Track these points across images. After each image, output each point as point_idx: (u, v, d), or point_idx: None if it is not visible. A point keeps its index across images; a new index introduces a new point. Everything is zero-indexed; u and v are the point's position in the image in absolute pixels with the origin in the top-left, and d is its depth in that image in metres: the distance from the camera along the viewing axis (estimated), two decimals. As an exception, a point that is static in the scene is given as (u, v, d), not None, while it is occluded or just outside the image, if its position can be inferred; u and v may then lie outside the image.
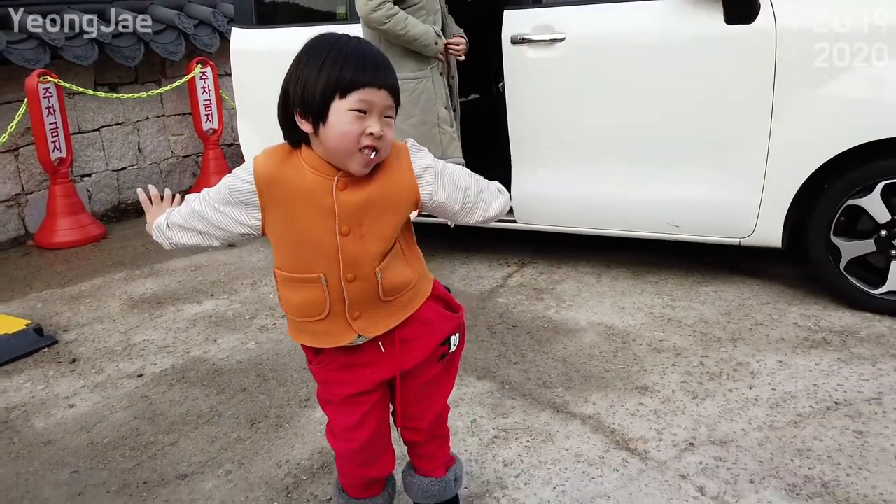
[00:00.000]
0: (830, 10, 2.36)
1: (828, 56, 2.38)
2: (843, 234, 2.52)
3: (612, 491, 1.72)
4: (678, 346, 2.43)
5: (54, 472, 2.04)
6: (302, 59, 1.25)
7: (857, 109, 2.37)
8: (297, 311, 1.36)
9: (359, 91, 1.21)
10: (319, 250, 1.30)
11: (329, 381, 1.43)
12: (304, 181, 1.28)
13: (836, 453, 1.79)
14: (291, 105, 1.25)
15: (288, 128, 1.29)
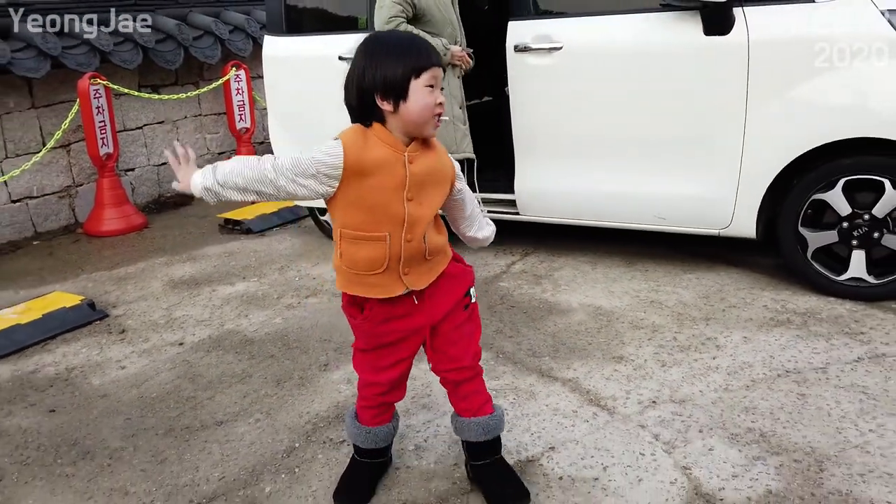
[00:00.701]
0: (796, 24, 2.62)
1: (794, 64, 2.64)
2: (810, 226, 2.78)
3: (580, 437, 2.02)
4: (656, 323, 2.71)
5: (110, 418, 2.40)
6: (371, 53, 1.52)
7: (821, 113, 2.62)
8: (358, 266, 1.60)
9: (428, 70, 1.51)
10: (388, 214, 1.55)
11: (372, 333, 1.70)
12: (380, 155, 1.53)
13: (778, 410, 2.07)
14: (369, 91, 1.51)
15: (364, 111, 1.55)
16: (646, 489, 1.78)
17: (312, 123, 3.83)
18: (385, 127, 1.55)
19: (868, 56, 2.54)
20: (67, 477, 2.09)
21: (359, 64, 1.54)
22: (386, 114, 1.54)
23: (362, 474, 1.87)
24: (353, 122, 1.59)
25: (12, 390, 2.65)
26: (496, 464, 1.81)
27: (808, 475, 1.78)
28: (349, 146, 1.53)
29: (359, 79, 1.53)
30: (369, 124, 1.56)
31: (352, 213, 1.57)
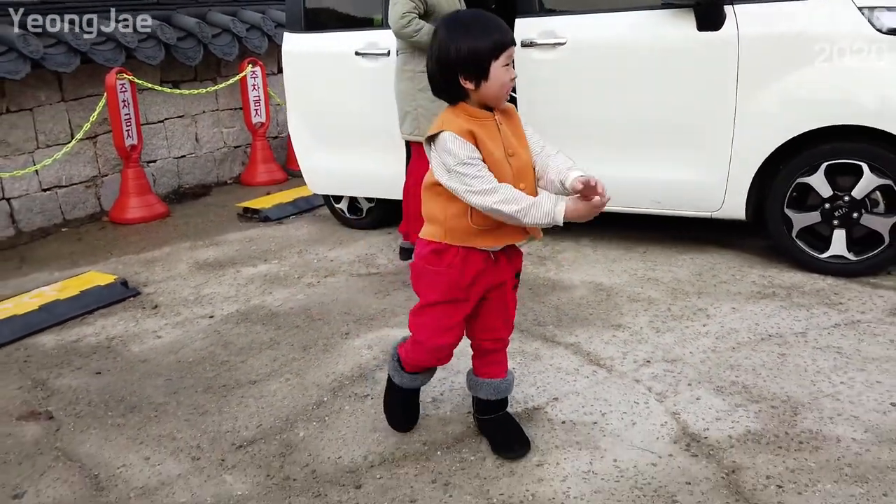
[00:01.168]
0: (782, 20, 2.85)
1: (780, 58, 2.87)
2: (795, 208, 3.00)
3: (581, 390, 2.25)
4: (652, 297, 2.94)
5: (152, 379, 2.63)
6: (453, 35, 1.66)
7: (804, 103, 2.85)
8: (486, 221, 1.74)
9: (507, 50, 1.67)
10: (503, 169, 1.71)
11: (452, 283, 1.81)
12: (478, 124, 1.70)
13: (760, 367, 2.29)
14: (453, 70, 1.66)
15: (450, 90, 1.72)
16: (639, 430, 2.00)
17: (330, 115, 4.07)
18: (468, 104, 1.73)
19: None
20: (118, 427, 2.32)
21: (442, 43, 1.68)
22: (468, 91, 1.71)
23: (411, 399, 2.11)
24: (436, 95, 1.78)
25: (58, 356, 2.89)
26: (501, 418, 2.02)
27: (783, 418, 2.00)
28: (456, 128, 1.68)
29: (443, 58, 1.68)
30: (455, 103, 1.74)
31: None
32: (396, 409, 2.12)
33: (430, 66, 1.74)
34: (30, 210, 4.68)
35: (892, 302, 2.70)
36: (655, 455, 1.89)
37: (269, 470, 2.01)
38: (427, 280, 1.86)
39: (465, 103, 1.74)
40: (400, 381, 2.06)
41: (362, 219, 4.26)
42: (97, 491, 1.99)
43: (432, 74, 1.74)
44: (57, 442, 2.25)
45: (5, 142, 4.49)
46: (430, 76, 1.76)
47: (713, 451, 1.89)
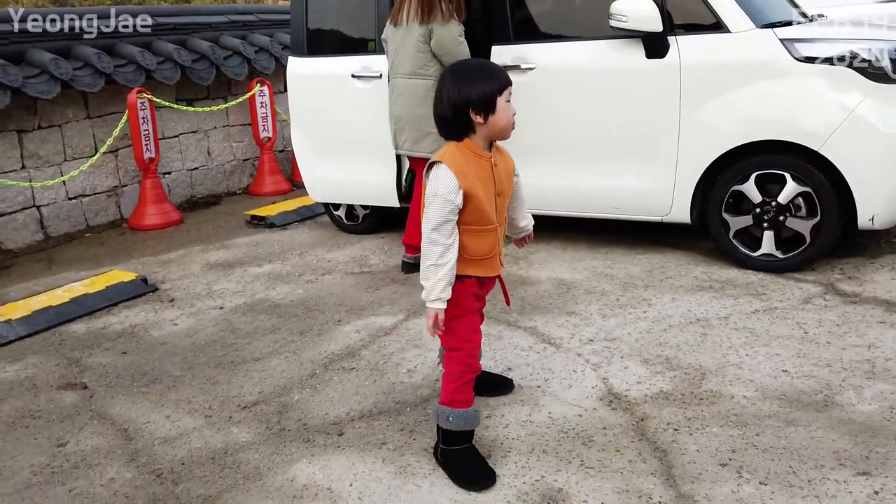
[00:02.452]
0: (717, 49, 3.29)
1: (716, 82, 3.30)
2: (732, 212, 3.42)
3: (531, 362, 2.67)
4: (605, 290, 3.36)
5: (170, 357, 3.07)
6: (462, 78, 1.89)
7: (736, 121, 3.28)
8: (479, 252, 1.98)
9: (508, 88, 1.93)
10: (492, 208, 1.95)
11: (473, 298, 2.06)
12: (475, 164, 1.92)
13: (683, 344, 2.71)
14: (464, 107, 1.87)
15: (459, 124, 1.91)
16: (573, 391, 2.42)
17: (329, 130, 4.52)
18: (473, 140, 1.94)
19: (771, 75, 3.20)
20: (143, 394, 2.75)
21: (451, 87, 1.90)
22: (477, 125, 1.91)
23: (477, 456, 2.07)
24: (444, 136, 1.98)
25: (89, 340, 3.33)
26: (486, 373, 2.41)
27: (692, 381, 2.42)
28: (455, 167, 1.90)
29: (454, 98, 1.89)
30: (461, 139, 1.95)
31: (472, 213, 1.93)
32: (470, 461, 2.05)
33: (442, 110, 1.92)
34: (57, 217, 5.15)
35: (808, 293, 3.11)
36: (582, 409, 2.31)
37: (269, 424, 2.44)
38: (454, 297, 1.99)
39: (471, 140, 1.94)
40: (470, 423, 2.04)
41: (358, 225, 4.70)
42: (127, 440, 2.43)
43: (443, 117, 1.93)
44: (92, 406, 2.69)
45: (36, 154, 4.97)
46: (440, 119, 1.95)
47: (629, 405, 2.31)
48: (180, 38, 5.89)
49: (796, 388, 2.34)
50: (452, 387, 2.04)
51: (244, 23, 6.50)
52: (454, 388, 2.04)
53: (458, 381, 2.04)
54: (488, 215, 1.96)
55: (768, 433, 2.10)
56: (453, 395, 2.04)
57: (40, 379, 2.95)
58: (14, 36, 4.82)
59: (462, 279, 2.00)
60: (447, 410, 2.03)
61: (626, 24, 3.30)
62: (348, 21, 4.48)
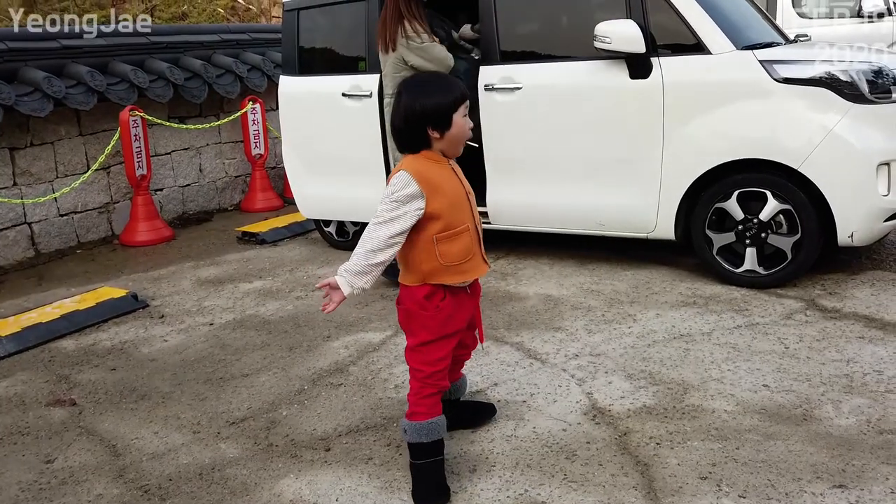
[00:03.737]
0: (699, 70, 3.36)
1: (697, 101, 3.37)
2: (715, 229, 3.48)
3: (517, 377, 2.71)
4: (591, 305, 3.40)
5: (160, 373, 3.09)
6: (418, 92, 1.91)
7: (717, 139, 3.34)
8: (456, 258, 1.95)
9: (465, 103, 1.95)
10: (463, 208, 1.97)
11: (447, 318, 2.00)
12: (436, 168, 1.95)
13: (667, 360, 2.75)
14: (421, 122, 1.90)
15: (416, 140, 1.94)
16: (558, 406, 2.46)
17: (320, 148, 4.58)
18: (430, 151, 1.97)
19: (751, 96, 3.27)
20: (132, 410, 2.77)
21: (407, 101, 1.92)
22: (433, 140, 1.95)
23: (438, 472, 2.04)
24: (401, 150, 2.00)
25: (78, 356, 3.35)
26: (467, 402, 2.43)
27: (674, 396, 2.46)
28: (415, 172, 1.91)
29: (410, 113, 1.91)
30: (418, 152, 1.97)
31: (440, 219, 1.93)
32: (428, 477, 2.03)
33: (397, 123, 1.96)
34: (48, 233, 5.17)
35: (789, 308, 3.16)
36: (567, 423, 2.34)
37: (256, 439, 2.46)
38: (419, 322, 2.01)
39: (428, 151, 1.97)
40: (427, 435, 2.01)
41: (349, 241, 4.74)
42: (115, 456, 2.44)
43: (399, 130, 1.96)
44: (80, 422, 2.70)
45: (28, 172, 5.00)
46: (396, 132, 1.97)
47: (613, 420, 2.34)
48: (173, 56, 5.95)
49: (776, 402, 2.38)
50: (412, 399, 2.05)
51: (237, 41, 6.57)
52: (413, 401, 2.05)
53: (417, 394, 2.04)
54: (457, 216, 1.96)
55: (748, 447, 2.13)
56: (412, 408, 2.04)
57: (29, 395, 2.96)
58: (7, 54, 4.86)
59: (436, 296, 1.99)
60: (404, 422, 2.05)
61: (610, 45, 3.37)
62: (339, 41, 4.55)
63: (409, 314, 2.04)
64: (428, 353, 2.02)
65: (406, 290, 2.05)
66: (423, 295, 2.00)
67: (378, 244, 1.93)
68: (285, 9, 4.68)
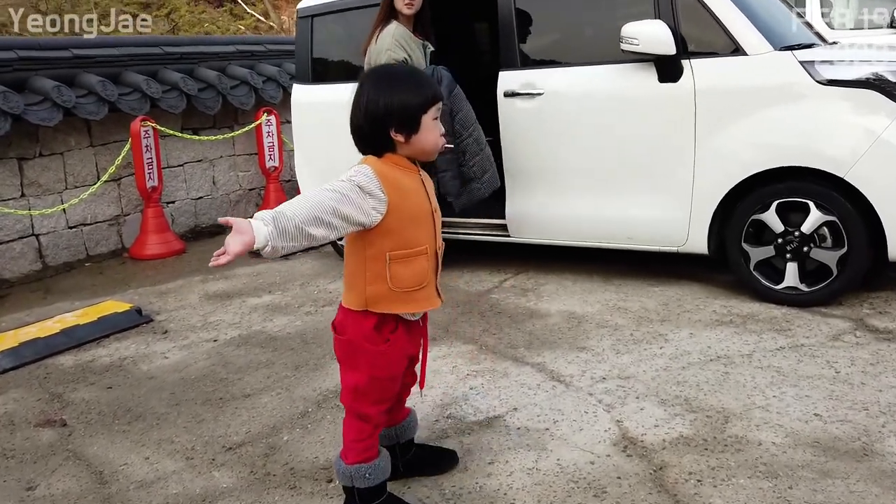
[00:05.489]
0: (734, 73, 3.14)
1: (732, 106, 3.15)
2: (752, 242, 3.23)
3: (539, 402, 2.48)
4: (618, 324, 3.16)
5: (157, 393, 2.90)
6: (384, 89, 1.62)
7: (754, 146, 3.11)
8: (407, 283, 1.70)
9: (436, 104, 1.68)
10: (424, 226, 1.70)
11: (393, 359, 1.78)
12: (402, 176, 1.68)
13: (704, 383, 2.50)
14: (383, 123, 1.63)
15: (378, 142, 1.66)
16: (584, 435, 2.22)
17: (333, 158, 4.39)
18: (396, 156, 1.70)
19: (791, 99, 3.04)
20: (124, 432, 2.58)
21: (371, 95, 1.64)
22: (397, 144, 1.68)
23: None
24: (361, 149, 1.71)
25: (75, 374, 3.17)
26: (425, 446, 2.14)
27: (714, 425, 2.21)
28: (376, 166, 1.66)
29: (372, 110, 1.64)
30: (381, 155, 1.70)
31: (395, 235, 1.67)
32: None
33: (357, 120, 1.68)
34: (56, 246, 5.04)
35: (836, 328, 2.90)
36: (595, 455, 2.10)
37: (253, 468, 2.25)
38: (367, 358, 1.76)
39: (393, 155, 1.71)
40: (371, 480, 1.83)
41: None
42: (101, 484, 2.25)
43: (359, 127, 1.69)
44: (68, 445, 2.52)
45: (37, 182, 4.89)
46: (356, 129, 1.69)
47: (646, 452, 2.10)
48: (188, 67, 5.84)
49: (831, 434, 2.12)
50: (350, 443, 1.85)
51: (252, 52, 6.46)
52: (352, 446, 1.85)
53: (357, 437, 1.84)
54: (416, 235, 1.71)
55: (802, 486, 1.88)
56: (351, 453, 1.84)
57: (19, 415, 2.78)
58: (18, 63, 4.77)
59: (386, 326, 1.75)
60: (341, 465, 1.86)
61: (638, 47, 3.17)
62: (353, 48, 4.38)
63: (354, 347, 1.77)
64: (373, 392, 1.78)
65: (349, 315, 1.76)
66: (373, 325, 1.73)
67: (323, 212, 1.55)
68: (298, 16, 4.55)
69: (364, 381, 1.77)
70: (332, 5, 4.37)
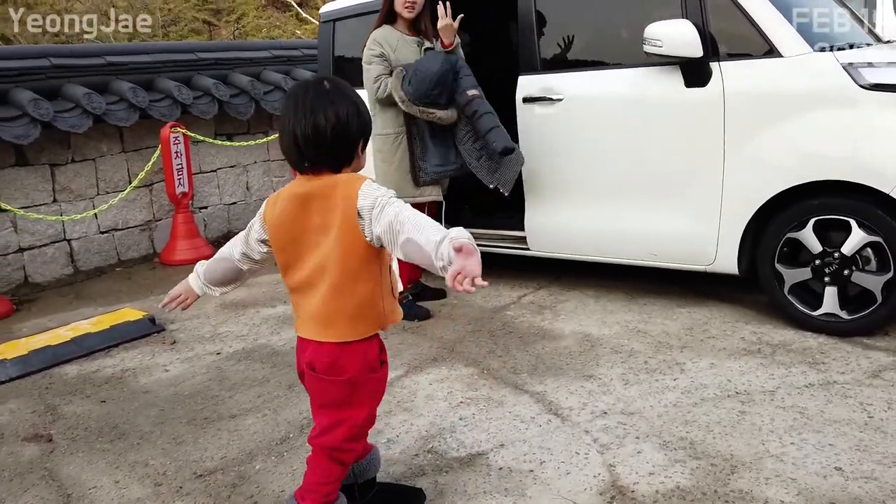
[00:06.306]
0: (767, 77, 2.85)
1: (765, 113, 2.85)
2: (787, 263, 2.93)
3: (529, 438, 2.27)
4: (634, 349, 2.92)
5: (147, 409, 2.83)
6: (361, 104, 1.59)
7: (789, 158, 2.81)
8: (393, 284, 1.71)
9: None
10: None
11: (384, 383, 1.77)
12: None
13: (715, 424, 2.25)
14: (356, 139, 1.59)
15: (347, 155, 1.61)
16: (570, 480, 2.01)
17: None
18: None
19: (831, 105, 2.73)
20: (103, 451, 2.51)
21: (352, 110, 1.58)
22: (354, 160, 1.63)
23: None
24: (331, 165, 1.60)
25: (75, 385, 3.14)
26: (390, 486, 2.02)
27: (718, 476, 1.96)
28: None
29: (346, 127, 1.57)
30: (339, 171, 1.61)
31: None
32: None
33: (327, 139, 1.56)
34: (88, 251, 5.10)
35: (877, 364, 2.58)
36: (576, 505, 1.89)
37: (217, 499, 2.13)
38: (368, 389, 1.68)
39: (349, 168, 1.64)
40: None
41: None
42: (67, 508, 2.17)
43: (332, 144, 1.58)
44: (47, 462, 2.46)
45: (69, 188, 4.96)
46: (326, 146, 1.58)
47: (634, 504, 1.88)
48: (222, 72, 5.85)
49: (851, 493, 1.85)
50: (317, 485, 1.72)
51: (288, 58, 6.42)
52: (318, 487, 1.72)
53: (327, 477, 1.72)
54: None
55: (807, 558, 1.63)
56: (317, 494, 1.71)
57: (10, 428, 2.76)
58: (52, 70, 4.85)
59: (382, 349, 1.71)
60: None
61: (662, 49, 2.92)
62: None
63: (355, 383, 1.64)
64: (363, 426, 1.68)
65: (348, 350, 1.63)
66: (377, 350, 1.67)
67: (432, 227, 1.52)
68: (321, 20, 4.46)
69: (363, 417, 1.69)
70: (354, 9, 4.26)
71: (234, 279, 1.82)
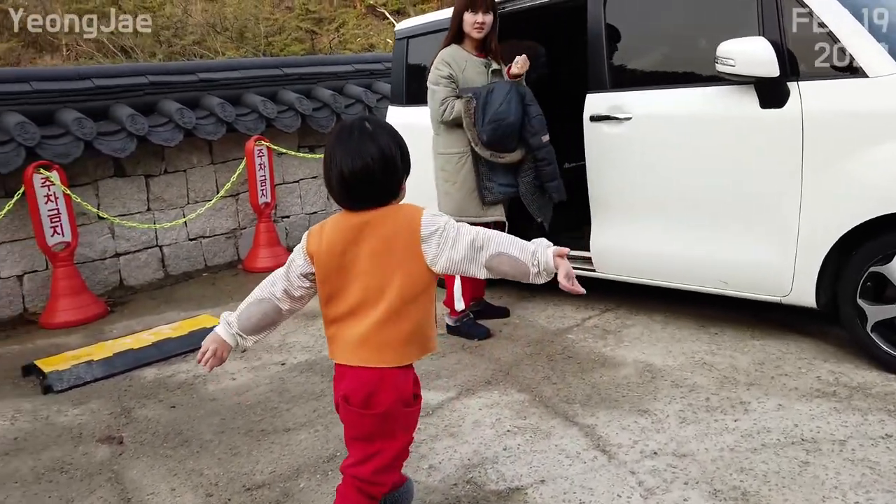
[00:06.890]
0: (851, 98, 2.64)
1: (849, 137, 2.65)
2: (871, 299, 2.70)
3: (572, 475, 2.21)
4: (697, 384, 2.78)
5: (210, 417, 2.96)
6: (397, 139, 1.73)
7: (874, 185, 2.59)
8: None
9: None
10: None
11: None
12: None
13: (773, 474, 2.10)
14: (403, 175, 1.73)
15: (393, 191, 1.71)
16: (607, 525, 1.93)
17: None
18: None
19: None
20: (165, 458, 2.64)
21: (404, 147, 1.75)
22: (399, 194, 1.72)
23: None
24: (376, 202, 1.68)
25: (151, 389, 3.33)
26: None
27: (767, 534, 1.83)
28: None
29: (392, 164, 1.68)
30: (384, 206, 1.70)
31: None
32: None
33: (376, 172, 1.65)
34: (177, 256, 5.41)
35: (969, 416, 2.34)
36: (609, 554, 1.82)
37: (261, 514, 2.20)
38: (403, 422, 1.72)
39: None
40: None
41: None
42: (126, 512, 2.30)
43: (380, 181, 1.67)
44: (115, 465, 2.62)
45: (161, 198, 5.27)
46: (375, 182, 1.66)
47: (671, 558, 1.78)
48: (306, 87, 6.05)
49: (917, 566, 1.68)
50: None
51: (370, 71, 6.57)
52: None
53: None
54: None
55: None
56: None
57: (88, 428, 2.95)
58: (149, 87, 5.17)
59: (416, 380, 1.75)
60: None
61: (735, 68, 2.77)
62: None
63: (389, 418, 1.65)
64: (395, 459, 1.67)
65: (387, 379, 1.64)
66: (412, 385, 1.69)
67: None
68: (396, 37, 4.53)
69: (395, 451, 1.70)
70: (426, 27, 4.29)
71: (270, 323, 1.81)
